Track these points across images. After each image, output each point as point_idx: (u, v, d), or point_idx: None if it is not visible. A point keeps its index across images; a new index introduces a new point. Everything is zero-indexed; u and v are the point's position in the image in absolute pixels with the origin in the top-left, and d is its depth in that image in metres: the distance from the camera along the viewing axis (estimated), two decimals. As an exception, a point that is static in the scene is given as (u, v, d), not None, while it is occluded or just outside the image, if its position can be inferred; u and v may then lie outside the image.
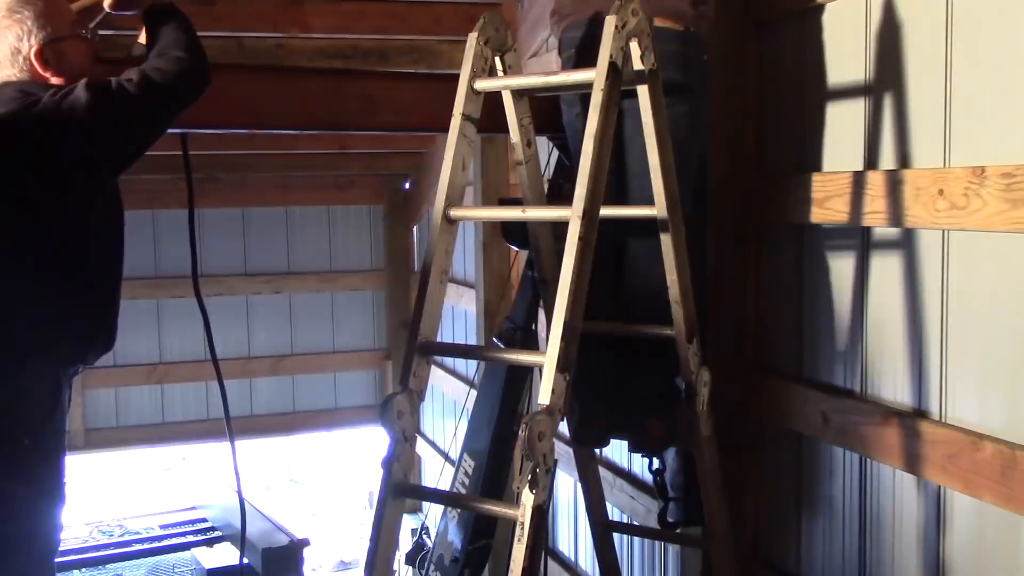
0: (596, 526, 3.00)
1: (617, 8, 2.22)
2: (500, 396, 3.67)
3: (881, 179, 2.51)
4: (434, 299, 2.30)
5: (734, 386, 3.09)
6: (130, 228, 2.52)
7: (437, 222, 2.32)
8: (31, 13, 2.29)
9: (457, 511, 3.77)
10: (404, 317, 8.43)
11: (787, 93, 2.97)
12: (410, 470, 2.26)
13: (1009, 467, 2.17)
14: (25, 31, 2.29)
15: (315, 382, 8.92)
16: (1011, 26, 2.19)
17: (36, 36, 2.30)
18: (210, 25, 4.72)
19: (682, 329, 2.54)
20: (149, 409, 8.43)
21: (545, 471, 1.97)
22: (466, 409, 4.56)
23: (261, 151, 7.51)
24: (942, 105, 2.38)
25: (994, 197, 2.15)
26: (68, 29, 2.37)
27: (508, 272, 5.76)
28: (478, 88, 2.39)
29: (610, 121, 2.19)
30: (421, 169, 8.37)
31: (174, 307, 8.24)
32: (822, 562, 2.93)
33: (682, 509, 3.08)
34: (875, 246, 2.68)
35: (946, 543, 2.46)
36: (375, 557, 2.23)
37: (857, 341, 2.75)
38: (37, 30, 2.30)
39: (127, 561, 8.21)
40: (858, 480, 2.77)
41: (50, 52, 2.31)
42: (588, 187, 2.11)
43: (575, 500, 5.05)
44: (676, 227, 2.46)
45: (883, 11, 2.57)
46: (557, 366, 2.00)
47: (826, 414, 2.79)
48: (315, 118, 2.94)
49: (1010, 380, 2.25)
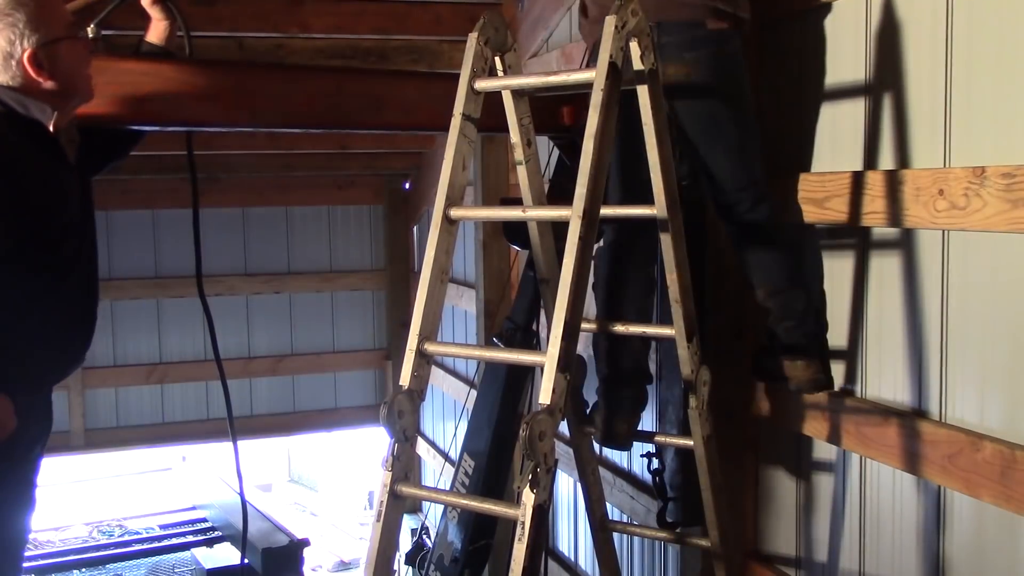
0: (596, 526, 2.99)
1: (617, 8, 2.22)
2: (500, 396, 3.68)
3: (881, 179, 2.51)
4: (434, 299, 2.30)
5: (734, 386, 3.09)
6: (130, 228, 2.52)
7: (437, 222, 2.31)
8: (23, 15, 2.20)
9: (457, 511, 3.77)
10: (404, 317, 8.43)
11: (787, 93, 2.97)
12: (410, 470, 2.26)
13: (1009, 467, 2.17)
14: (17, 34, 2.20)
15: (315, 382, 8.92)
16: (1011, 26, 2.19)
17: (29, 39, 2.20)
18: (210, 25, 4.72)
19: (682, 328, 2.54)
20: (149, 409, 8.42)
21: (546, 471, 1.97)
22: (466, 409, 4.56)
23: (261, 151, 7.51)
24: (942, 105, 2.38)
25: (994, 197, 2.15)
26: (63, 30, 2.28)
27: (508, 272, 5.76)
28: (478, 88, 2.39)
29: (610, 121, 2.19)
30: (421, 169, 8.37)
31: (174, 307, 8.24)
32: (822, 562, 2.93)
33: (682, 509, 3.08)
34: (875, 246, 2.68)
35: (946, 543, 2.46)
36: (375, 557, 2.23)
37: (857, 341, 2.75)
38: (30, 32, 2.21)
39: (127, 561, 8.22)
40: (858, 480, 2.77)
41: (44, 55, 2.22)
42: (588, 187, 2.11)
43: (575, 500, 5.05)
44: (676, 226, 2.46)
45: (883, 11, 2.57)
46: (558, 366, 2.00)
47: (826, 414, 2.79)
48: (319, 117, 2.94)
49: (1010, 380, 2.25)
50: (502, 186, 5.79)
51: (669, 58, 2.56)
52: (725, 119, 2.68)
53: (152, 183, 7.58)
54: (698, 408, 2.59)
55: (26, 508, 2.44)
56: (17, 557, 2.45)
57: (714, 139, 2.67)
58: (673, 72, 2.57)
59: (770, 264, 2.73)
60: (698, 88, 2.60)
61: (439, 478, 7.13)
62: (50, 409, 2.52)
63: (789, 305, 2.73)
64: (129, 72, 2.55)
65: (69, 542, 9.02)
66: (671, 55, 2.57)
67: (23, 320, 2.27)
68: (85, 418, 8.10)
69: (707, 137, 2.67)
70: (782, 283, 2.73)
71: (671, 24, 2.57)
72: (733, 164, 2.69)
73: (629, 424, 2.83)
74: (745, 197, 2.70)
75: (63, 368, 2.51)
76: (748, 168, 2.72)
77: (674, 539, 3.02)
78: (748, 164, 2.72)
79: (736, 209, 2.72)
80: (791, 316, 2.73)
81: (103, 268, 2.61)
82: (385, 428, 2.20)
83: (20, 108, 2.23)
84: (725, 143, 2.68)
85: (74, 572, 7.93)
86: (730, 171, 2.69)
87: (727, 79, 2.66)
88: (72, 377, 5.55)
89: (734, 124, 2.69)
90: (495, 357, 3.28)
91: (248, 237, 8.56)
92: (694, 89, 2.60)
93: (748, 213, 2.71)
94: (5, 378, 2.22)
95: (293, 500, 18.12)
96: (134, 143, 2.76)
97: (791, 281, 2.73)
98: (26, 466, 2.42)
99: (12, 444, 2.26)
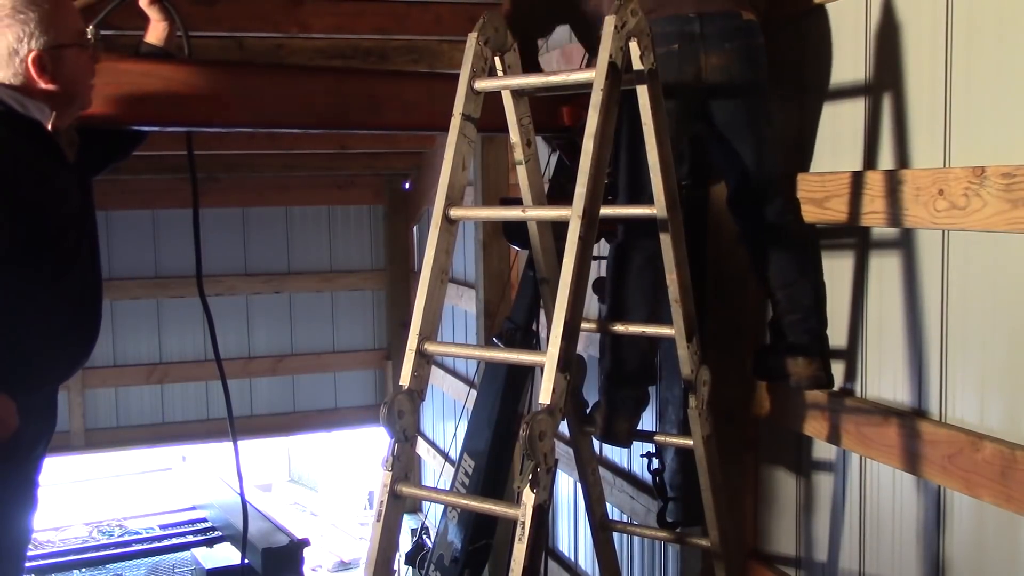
0: (596, 526, 2.99)
1: (616, 8, 2.22)
2: (500, 396, 3.67)
3: (881, 179, 2.51)
4: (434, 299, 2.29)
5: (734, 386, 3.09)
6: (130, 228, 2.52)
7: (437, 222, 2.31)
8: (35, 15, 2.20)
9: (457, 511, 3.77)
10: (404, 317, 8.43)
11: (787, 93, 2.97)
12: (410, 470, 2.26)
13: (1009, 467, 2.17)
14: (27, 33, 2.20)
15: (315, 382, 8.92)
16: (1011, 26, 2.19)
17: (37, 40, 2.21)
18: (210, 25, 4.72)
19: (682, 328, 2.54)
20: (149, 409, 8.43)
21: (546, 471, 1.97)
22: (466, 409, 4.57)
23: (261, 151, 7.51)
24: (942, 105, 2.38)
25: (994, 197, 2.15)
26: (72, 38, 2.28)
27: (508, 272, 5.76)
28: (478, 88, 2.39)
29: (610, 120, 2.19)
30: (421, 169, 8.37)
31: (174, 307, 8.25)
32: (822, 562, 2.93)
33: (682, 509, 3.08)
34: (875, 246, 2.68)
35: (946, 543, 2.46)
36: (375, 557, 2.23)
37: (857, 341, 2.75)
38: (39, 34, 2.21)
39: (127, 561, 8.23)
40: (858, 480, 2.77)
41: (49, 59, 2.22)
42: (588, 186, 2.11)
43: (575, 500, 5.05)
44: (676, 226, 2.46)
45: (883, 11, 2.57)
46: (558, 366, 2.00)
47: (826, 414, 2.79)
48: (319, 117, 2.93)
49: (1010, 380, 2.25)
50: (502, 186, 5.79)
51: (711, 48, 2.59)
52: (758, 110, 2.70)
53: (152, 183, 7.58)
54: (698, 408, 2.59)
55: (28, 508, 2.44)
56: (19, 557, 2.45)
57: (747, 130, 2.69)
58: (716, 63, 2.60)
59: (785, 257, 2.75)
60: (737, 77, 2.62)
61: (439, 478, 7.13)
62: (54, 408, 2.52)
63: (797, 299, 2.75)
64: (129, 72, 2.55)
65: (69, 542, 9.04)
66: (713, 46, 2.60)
67: (22, 320, 2.27)
68: (85, 418, 8.11)
69: (740, 128, 2.68)
70: (792, 276, 2.75)
71: (713, 15, 2.60)
72: (763, 156, 2.71)
73: (630, 423, 2.83)
74: (771, 191, 2.73)
75: (65, 367, 2.51)
76: (774, 161, 2.75)
77: (674, 539, 3.02)
78: (775, 157, 2.75)
79: (760, 207, 2.74)
80: (798, 310, 2.75)
81: (103, 268, 2.60)
82: (385, 428, 2.20)
83: (19, 107, 2.23)
84: (757, 134, 2.70)
85: (74, 572, 7.94)
86: (759, 163, 2.71)
87: (761, 70, 2.69)
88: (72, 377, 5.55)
89: (765, 116, 2.73)
90: (495, 357, 3.28)
91: (248, 237, 8.56)
92: (733, 78, 2.62)
93: (770, 206, 2.73)
94: (5, 378, 2.22)
95: (293, 500, 18.13)
96: (136, 144, 2.76)
97: (801, 273, 2.76)
98: (28, 466, 2.42)
99: (14, 443, 2.26)
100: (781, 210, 2.75)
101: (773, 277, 2.77)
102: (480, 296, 6.01)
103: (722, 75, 2.61)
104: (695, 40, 2.56)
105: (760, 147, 2.72)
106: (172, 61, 2.65)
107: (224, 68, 2.78)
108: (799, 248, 2.78)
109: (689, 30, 2.56)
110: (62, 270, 2.35)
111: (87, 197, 2.47)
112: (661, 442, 2.91)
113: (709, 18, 2.59)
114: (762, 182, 2.73)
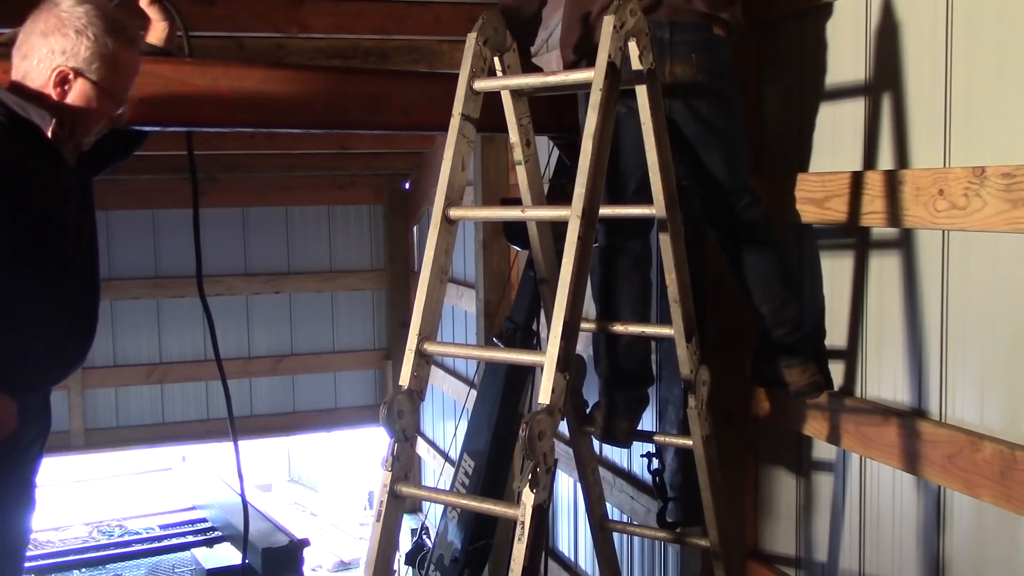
0: (596, 526, 2.99)
1: (616, 8, 2.22)
2: (500, 396, 3.68)
3: (881, 179, 2.51)
4: (434, 299, 2.29)
5: (734, 386, 3.09)
6: (130, 228, 2.51)
7: (437, 222, 2.31)
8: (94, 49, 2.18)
9: (457, 511, 3.77)
10: (404, 317, 8.43)
11: (787, 93, 2.97)
12: (410, 470, 2.26)
13: (1008, 467, 2.17)
14: (74, 52, 2.18)
15: (315, 382, 8.92)
16: (1011, 26, 2.19)
17: (76, 60, 2.18)
18: (210, 25, 4.72)
19: (681, 328, 2.54)
20: (149, 409, 8.43)
21: (545, 470, 1.97)
22: (466, 409, 4.57)
23: (261, 151, 7.51)
24: (942, 105, 2.38)
25: (994, 197, 2.15)
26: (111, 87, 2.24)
27: (508, 272, 5.76)
28: (477, 88, 2.39)
29: (609, 120, 2.19)
30: (421, 169, 8.37)
31: (174, 307, 8.24)
32: (822, 562, 2.93)
33: (681, 509, 3.08)
34: (875, 246, 2.68)
35: (946, 543, 2.46)
36: (375, 557, 2.23)
37: (857, 341, 2.75)
38: (84, 60, 2.19)
39: (127, 561, 8.24)
40: (858, 480, 2.77)
41: (74, 81, 2.20)
42: (587, 187, 2.11)
43: (575, 500, 5.05)
44: (675, 226, 2.46)
45: (883, 11, 2.57)
46: (557, 365, 2.00)
47: (826, 414, 2.79)
48: (319, 117, 2.93)
49: (1010, 380, 2.25)
50: (502, 186, 5.79)
51: (677, 57, 2.59)
52: (723, 121, 2.69)
53: (152, 183, 7.58)
54: (697, 408, 2.59)
55: (26, 508, 2.44)
56: (18, 557, 2.45)
57: (713, 140, 2.68)
58: (681, 71, 2.59)
59: (763, 267, 2.75)
60: (702, 88, 2.62)
61: (439, 478, 7.14)
62: (48, 409, 2.52)
63: (781, 313, 2.75)
64: (129, 72, 2.54)
65: (69, 542, 9.05)
66: (681, 54, 2.59)
67: (20, 320, 2.27)
68: (85, 418, 8.10)
69: (706, 138, 2.68)
70: (774, 288, 2.74)
71: (685, 24, 2.59)
72: (730, 165, 2.71)
73: (630, 423, 2.83)
74: (741, 197, 2.72)
75: (62, 368, 2.50)
76: (742, 170, 2.76)
77: (674, 539, 3.02)
78: (741, 166, 2.76)
79: (732, 209, 2.73)
80: (784, 324, 2.76)
81: (103, 268, 2.59)
82: (385, 428, 2.20)
83: (19, 110, 2.23)
84: (723, 145, 2.70)
85: (74, 572, 7.94)
86: (727, 172, 2.70)
87: (726, 82, 2.69)
88: (72, 377, 5.55)
89: (731, 126, 2.72)
90: (495, 357, 3.28)
91: (248, 237, 8.56)
92: (699, 89, 2.61)
93: (744, 212, 2.72)
94: (5, 378, 2.22)
95: (293, 500, 18.14)
96: (136, 144, 2.76)
97: (784, 286, 2.75)
98: (25, 466, 2.42)
99: (12, 444, 2.26)
100: (755, 216, 2.74)
101: (753, 288, 2.77)
102: (480, 296, 6.01)
103: (684, 83, 2.60)
104: (663, 46, 2.55)
105: (728, 156, 2.71)
106: (173, 61, 2.65)
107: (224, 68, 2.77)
108: (778, 258, 2.77)
109: (659, 35, 2.55)
110: (61, 271, 2.35)
111: (87, 198, 2.46)
112: (661, 442, 2.92)
113: (680, 26, 2.59)
114: (732, 190, 2.72)
